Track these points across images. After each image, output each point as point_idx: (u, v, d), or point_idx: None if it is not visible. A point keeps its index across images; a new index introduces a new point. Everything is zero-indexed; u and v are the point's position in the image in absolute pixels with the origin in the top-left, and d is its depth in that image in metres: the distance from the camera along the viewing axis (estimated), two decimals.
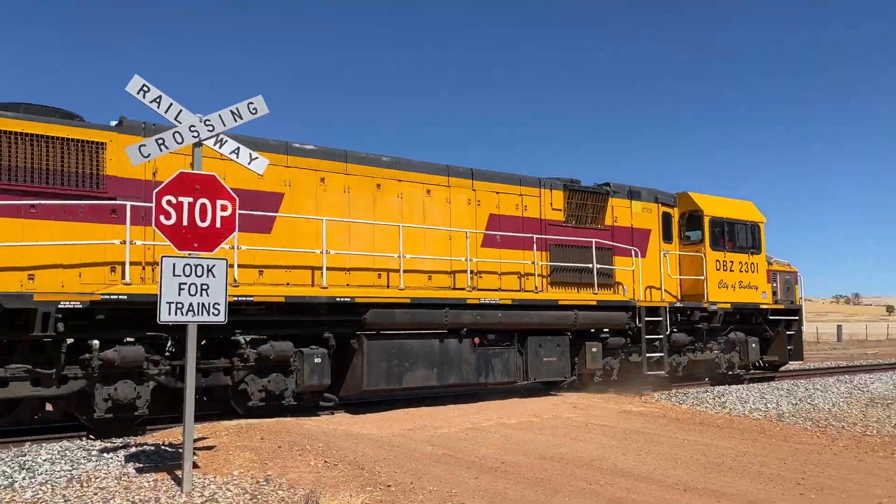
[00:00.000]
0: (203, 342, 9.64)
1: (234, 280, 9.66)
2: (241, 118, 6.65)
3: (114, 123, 9.62)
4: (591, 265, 13.75)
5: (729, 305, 15.92)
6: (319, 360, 10.51)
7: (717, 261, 15.86)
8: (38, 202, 8.77)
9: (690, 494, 6.37)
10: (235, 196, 6.62)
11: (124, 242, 8.91)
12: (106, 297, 8.80)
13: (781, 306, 17.42)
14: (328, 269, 10.64)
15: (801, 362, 19.47)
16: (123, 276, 9.01)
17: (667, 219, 15.69)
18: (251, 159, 6.81)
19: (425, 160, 12.68)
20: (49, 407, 9.66)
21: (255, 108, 6.72)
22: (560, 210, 13.91)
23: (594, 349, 13.66)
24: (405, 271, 11.41)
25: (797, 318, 17.81)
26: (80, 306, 8.65)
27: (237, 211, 6.58)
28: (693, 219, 15.95)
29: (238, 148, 6.80)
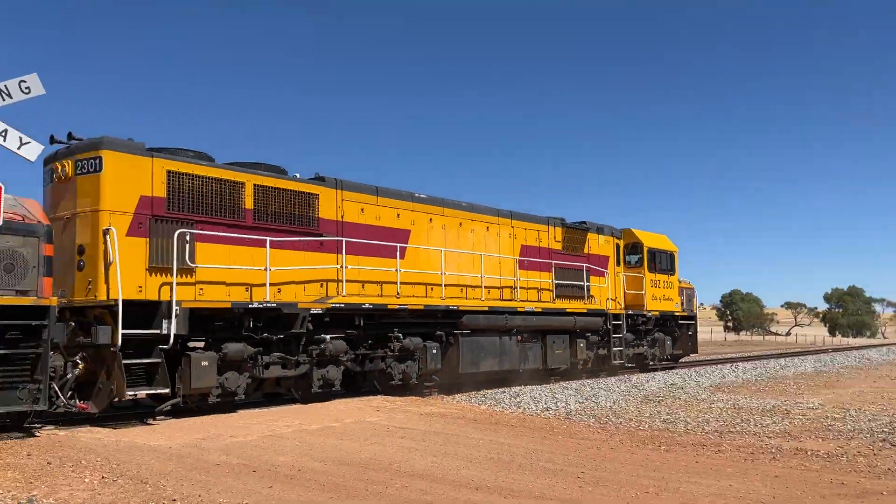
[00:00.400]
0: (369, 339, 13.64)
1: (397, 293, 14.03)
2: (11, 97, 5.95)
3: (314, 177, 13.36)
4: (581, 283, 19.00)
5: (657, 313, 21.92)
6: (435, 351, 14.69)
7: (651, 280, 21.66)
8: (286, 239, 12.27)
9: (482, 493, 6.60)
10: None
11: (336, 266, 13.03)
12: (335, 305, 12.66)
13: (686, 313, 23.95)
14: (434, 285, 14.99)
15: (696, 354, 27.24)
16: (326, 291, 12.93)
17: (618, 248, 21.16)
18: (21, 144, 6.10)
19: (483, 203, 17.08)
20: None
21: (28, 88, 6.04)
22: (560, 242, 18.78)
23: (582, 344, 18.68)
24: (476, 287, 16.07)
25: (693, 322, 24.70)
26: (320, 312, 12.36)
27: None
28: (635, 248, 21.67)
29: (5, 130, 6.07)
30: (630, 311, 20.64)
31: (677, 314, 23.13)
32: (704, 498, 6.42)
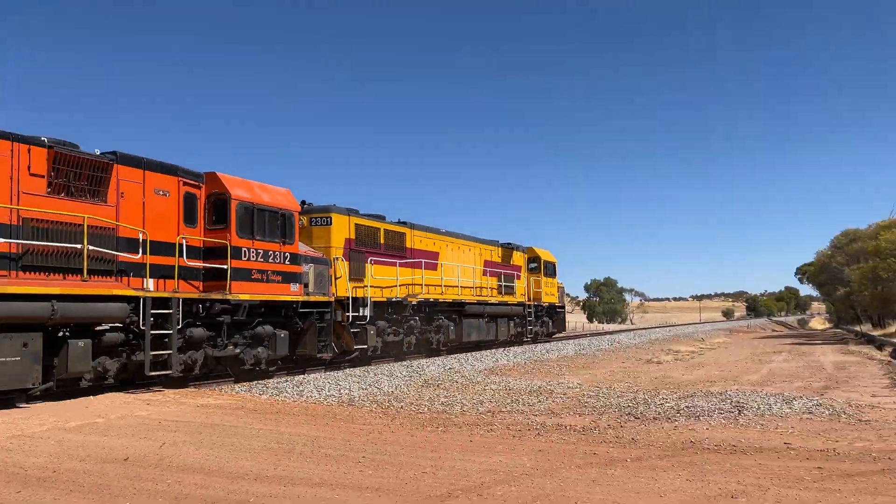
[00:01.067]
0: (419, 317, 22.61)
1: (442, 292, 24.07)
2: None
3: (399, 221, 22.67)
4: (512, 284, 29.75)
5: (548, 304, 33.63)
6: (453, 327, 24.42)
7: (545, 281, 32.74)
8: (395, 260, 21.34)
9: (261, 484, 6.44)
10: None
11: (416, 276, 22.44)
12: (423, 300, 22.32)
13: (561, 304, 35.73)
14: (451, 287, 24.83)
15: (565, 332, 39.58)
16: (410, 290, 22.14)
17: (527, 260, 32.06)
18: None
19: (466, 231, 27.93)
20: None
21: None
22: (500, 257, 29.37)
23: (512, 324, 29.73)
24: (469, 287, 26.24)
25: (563, 310, 36.28)
26: (415, 303, 21.93)
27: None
28: (534, 260, 32.33)
29: None
30: (534, 303, 31.52)
31: (556, 305, 34.68)
32: (476, 474, 6.81)
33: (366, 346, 19.04)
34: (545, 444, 8.48)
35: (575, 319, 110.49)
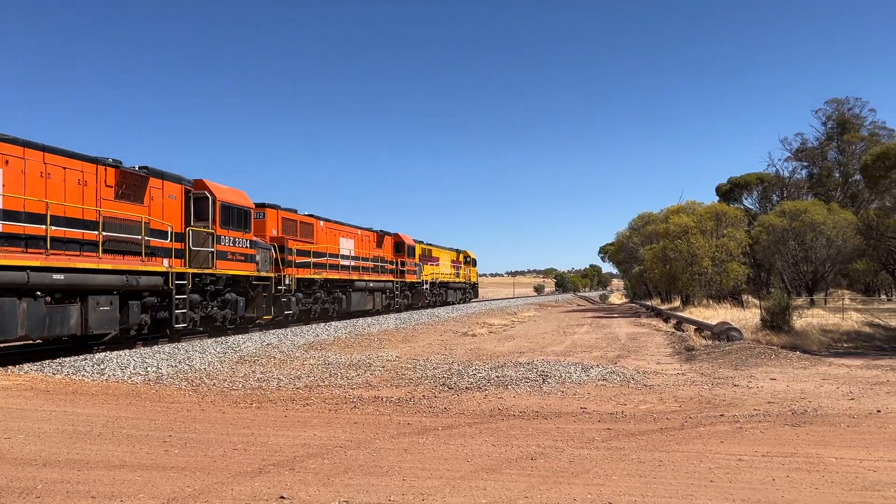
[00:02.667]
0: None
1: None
2: None
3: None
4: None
5: (402, 281, 38.48)
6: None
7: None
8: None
9: (51, 469, 5.96)
10: None
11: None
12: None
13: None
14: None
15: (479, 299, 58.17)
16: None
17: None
18: None
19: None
20: None
21: None
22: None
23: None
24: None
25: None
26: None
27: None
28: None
29: None
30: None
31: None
32: (290, 449, 6.75)
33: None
34: (361, 416, 8.58)
35: None
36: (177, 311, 17.25)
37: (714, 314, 28.28)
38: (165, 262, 17.02)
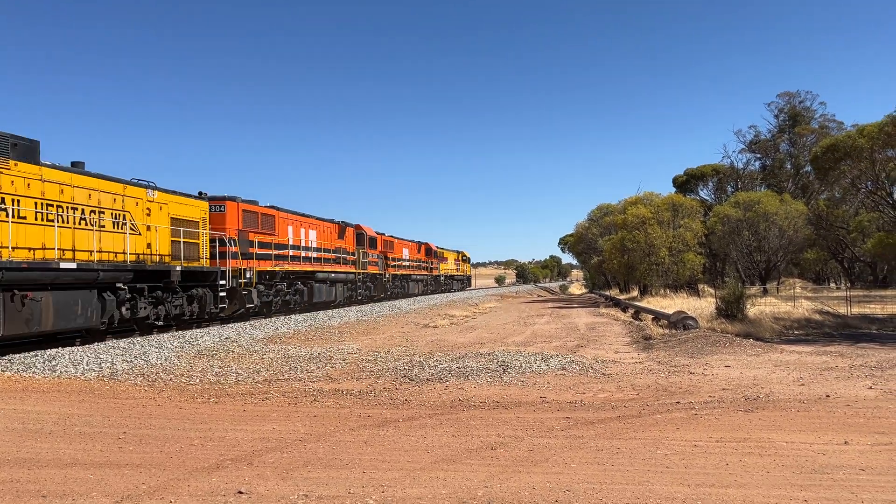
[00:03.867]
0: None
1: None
2: None
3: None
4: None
5: (364, 273, 38.42)
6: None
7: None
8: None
9: None
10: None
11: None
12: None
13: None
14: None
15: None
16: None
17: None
18: None
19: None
20: None
21: None
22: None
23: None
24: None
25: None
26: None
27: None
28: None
29: None
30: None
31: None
32: (248, 443, 6.67)
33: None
34: (321, 409, 8.53)
35: None
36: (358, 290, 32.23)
37: (671, 303, 28.80)
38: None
